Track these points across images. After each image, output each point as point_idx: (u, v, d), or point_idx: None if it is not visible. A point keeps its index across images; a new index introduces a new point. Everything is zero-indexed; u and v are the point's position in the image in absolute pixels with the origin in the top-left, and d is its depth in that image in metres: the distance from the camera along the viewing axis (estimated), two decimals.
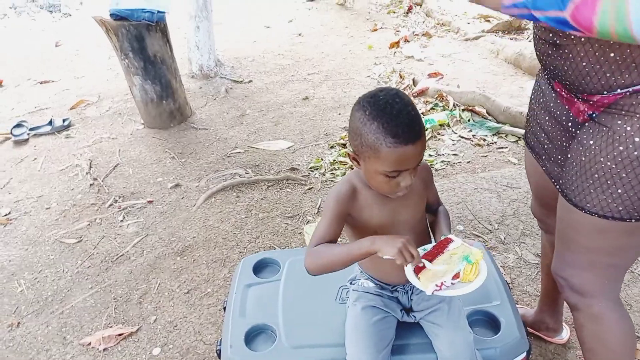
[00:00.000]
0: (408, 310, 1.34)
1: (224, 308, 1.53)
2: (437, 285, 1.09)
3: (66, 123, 3.72)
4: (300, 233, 2.46)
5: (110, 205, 2.77)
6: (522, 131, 3.24)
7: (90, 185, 2.96)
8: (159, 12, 3.30)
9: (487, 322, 1.38)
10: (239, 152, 3.26)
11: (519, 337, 1.32)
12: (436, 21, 5.78)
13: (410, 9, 6.17)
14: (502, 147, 3.19)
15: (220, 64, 4.55)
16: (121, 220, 2.64)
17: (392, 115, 1.04)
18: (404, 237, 1.06)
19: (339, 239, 1.20)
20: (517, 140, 3.23)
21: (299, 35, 5.55)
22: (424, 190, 1.28)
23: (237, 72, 4.55)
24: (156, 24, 3.31)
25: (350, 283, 1.39)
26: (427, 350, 1.27)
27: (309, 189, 2.84)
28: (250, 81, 4.38)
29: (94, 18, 3.28)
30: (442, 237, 1.21)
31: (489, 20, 5.70)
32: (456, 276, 1.10)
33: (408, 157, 1.06)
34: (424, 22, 5.84)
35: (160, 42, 3.42)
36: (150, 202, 2.79)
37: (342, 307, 1.40)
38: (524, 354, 1.33)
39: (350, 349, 1.24)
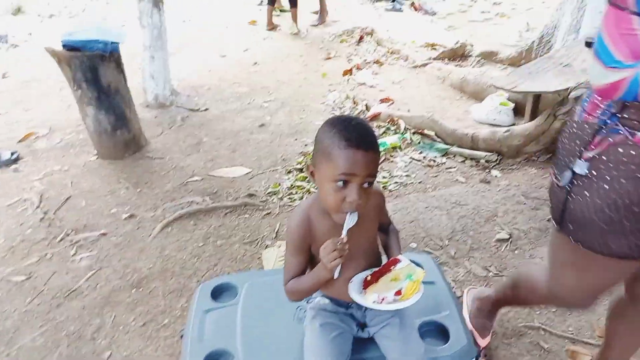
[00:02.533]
0: (363, 325, 1.39)
1: (181, 336, 1.53)
2: (378, 298, 1.16)
3: (14, 156, 3.61)
4: (259, 258, 2.48)
5: (61, 239, 2.69)
6: (469, 152, 3.43)
7: (41, 219, 2.87)
8: (112, 42, 3.31)
9: (438, 332, 1.44)
10: (196, 180, 3.27)
11: (467, 343, 1.39)
12: (386, 49, 6.03)
13: (361, 38, 6.41)
14: (450, 167, 3.35)
15: (175, 93, 4.56)
16: (73, 254, 2.57)
17: (350, 125, 1.14)
18: (331, 244, 1.14)
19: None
20: (463, 161, 3.40)
21: (255, 63, 5.65)
22: (376, 216, 1.34)
23: (194, 101, 4.57)
24: (110, 54, 3.31)
25: (307, 302, 1.43)
26: None
27: (267, 213, 2.87)
28: (207, 109, 4.41)
29: (46, 49, 3.25)
30: (392, 257, 1.29)
31: (435, 49, 6.01)
32: (398, 292, 1.17)
33: (357, 162, 1.10)
34: (374, 50, 6.08)
35: (114, 72, 3.41)
36: (104, 234, 2.73)
37: (300, 327, 1.44)
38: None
39: None
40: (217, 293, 1.62)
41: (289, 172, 3.36)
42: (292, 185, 3.18)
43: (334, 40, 6.61)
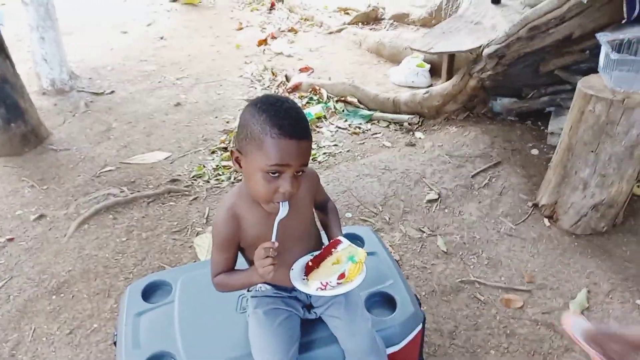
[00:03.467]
0: (309, 306, 1.35)
1: (114, 342, 1.40)
2: (321, 284, 1.11)
3: None
4: (190, 247, 2.35)
5: None
6: (392, 116, 3.47)
7: None
8: None
9: (384, 301, 1.43)
10: (110, 170, 3.01)
11: (414, 310, 1.40)
12: (300, 16, 5.89)
13: (272, 5, 6.21)
14: (375, 133, 3.37)
15: (75, 76, 4.14)
16: None
17: (281, 110, 1.04)
18: (260, 249, 1.07)
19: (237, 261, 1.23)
20: (387, 125, 3.43)
21: (162, 38, 5.28)
22: (310, 197, 1.28)
23: (97, 84, 4.19)
24: None
25: (248, 290, 1.36)
26: (331, 342, 1.29)
27: (194, 199, 2.72)
28: (113, 92, 4.06)
29: None
30: (333, 239, 1.24)
31: (348, 13, 5.95)
32: (342, 276, 1.13)
33: (291, 152, 1.04)
34: (287, 18, 5.92)
35: None
36: (10, 239, 2.45)
37: (243, 317, 1.36)
38: (420, 326, 1.41)
39: (257, 355, 1.21)
40: (149, 293, 1.49)
41: (213, 152, 3.21)
42: (217, 166, 3.04)
43: (244, 9, 6.35)
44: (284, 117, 1.04)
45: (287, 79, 4.17)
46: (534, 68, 3.07)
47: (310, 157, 1.13)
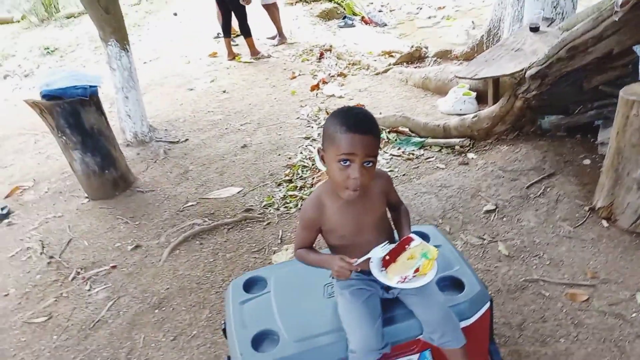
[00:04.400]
0: (387, 288, 1.55)
1: (223, 330, 1.65)
2: (401, 278, 1.34)
3: (5, 211, 3.64)
4: (269, 262, 2.61)
5: (73, 278, 2.75)
6: (444, 141, 3.68)
7: (48, 264, 2.92)
8: (91, 86, 3.42)
9: (453, 285, 1.61)
10: (192, 205, 3.38)
11: (480, 290, 1.57)
12: (347, 62, 6.31)
13: (322, 55, 6.68)
14: (429, 158, 3.58)
15: (153, 129, 4.67)
16: (88, 290, 2.64)
17: (350, 113, 1.35)
18: (342, 261, 1.36)
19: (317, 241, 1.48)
20: (440, 150, 3.64)
21: (224, 92, 5.82)
22: (382, 195, 1.52)
23: (172, 134, 4.69)
24: (90, 98, 3.42)
25: (333, 277, 1.58)
26: (410, 317, 1.48)
27: (268, 224, 3.01)
28: (187, 140, 4.54)
29: (25, 101, 3.34)
30: (405, 236, 1.47)
31: (392, 56, 6.32)
32: (416, 270, 1.36)
33: (355, 144, 1.29)
34: (336, 64, 6.35)
35: (96, 115, 3.52)
36: (113, 267, 2.81)
37: (330, 301, 1.58)
38: (488, 304, 1.57)
39: (349, 328, 1.42)
40: (248, 287, 1.75)
41: (279, 184, 3.52)
42: (284, 196, 3.34)
43: (295, 60, 6.86)
44: (351, 117, 1.33)
45: None
46: (578, 85, 3.22)
47: (378, 151, 1.39)
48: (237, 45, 7.55)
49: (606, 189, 2.49)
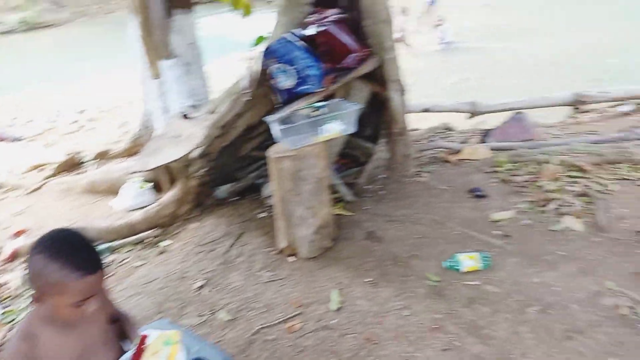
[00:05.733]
0: None
1: None
2: None
3: None
4: None
5: None
6: (132, 238, 3.60)
7: None
8: None
9: None
10: None
11: (225, 358, 1.64)
12: None
13: None
14: (124, 260, 3.41)
15: None
16: None
17: (70, 249, 1.17)
18: None
19: None
20: (130, 250, 3.52)
21: None
22: (100, 313, 1.39)
23: None
24: None
25: None
26: None
27: None
28: None
29: None
30: (139, 336, 1.41)
31: (43, 169, 5.76)
32: None
33: (93, 286, 1.20)
34: None
35: None
36: None
37: None
38: None
39: None
40: None
41: None
42: None
43: None
44: (74, 254, 1.16)
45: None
46: (235, 155, 3.76)
47: None
48: None
49: (283, 231, 2.99)
